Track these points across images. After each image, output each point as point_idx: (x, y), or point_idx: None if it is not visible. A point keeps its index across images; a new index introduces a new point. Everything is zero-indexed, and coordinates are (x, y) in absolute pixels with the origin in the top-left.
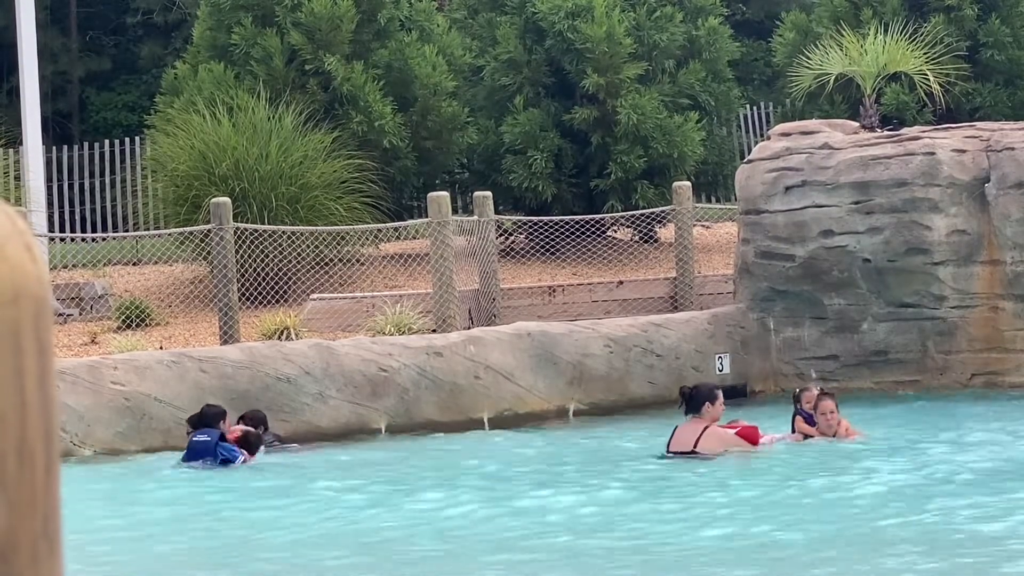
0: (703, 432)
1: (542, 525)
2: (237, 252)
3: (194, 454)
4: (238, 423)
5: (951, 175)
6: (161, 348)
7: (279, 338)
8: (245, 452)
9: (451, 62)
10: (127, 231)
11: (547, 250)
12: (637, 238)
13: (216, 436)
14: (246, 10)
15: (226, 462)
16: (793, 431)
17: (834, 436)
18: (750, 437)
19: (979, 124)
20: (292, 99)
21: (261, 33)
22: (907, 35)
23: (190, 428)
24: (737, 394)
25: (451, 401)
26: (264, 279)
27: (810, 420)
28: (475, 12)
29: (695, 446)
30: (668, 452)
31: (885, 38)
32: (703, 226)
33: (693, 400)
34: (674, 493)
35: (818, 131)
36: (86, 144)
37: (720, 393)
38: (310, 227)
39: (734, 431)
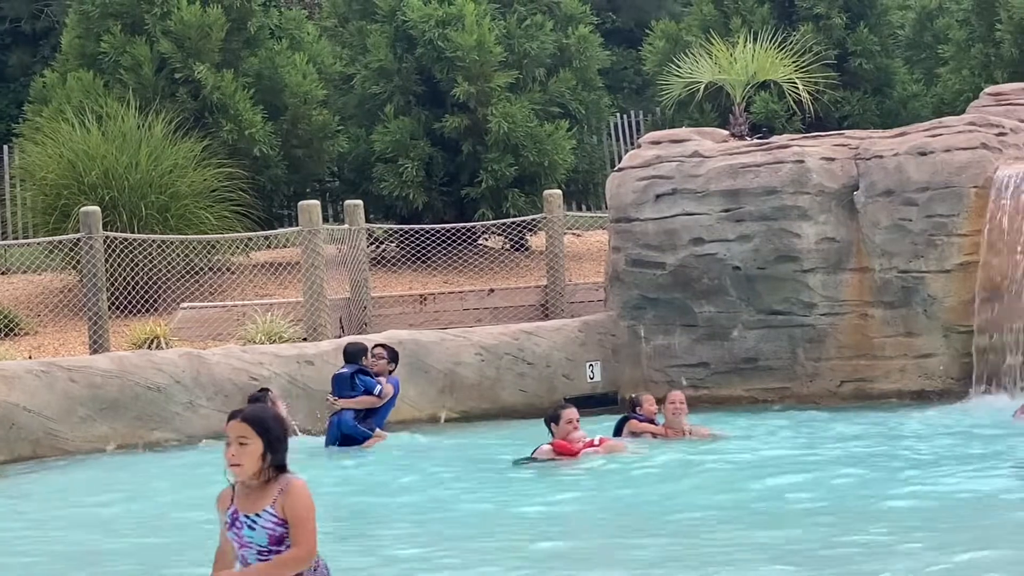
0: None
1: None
2: (107, 261)
3: (336, 384)
4: None
5: (820, 183)
6: (30, 358)
7: (149, 347)
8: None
9: (321, 70)
10: None
11: (418, 258)
12: (508, 246)
13: (354, 368)
14: (115, 18)
15: (368, 391)
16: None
17: (685, 434)
18: (563, 448)
19: (848, 132)
20: (162, 107)
21: (130, 41)
22: (776, 44)
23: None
24: (608, 402)
25: (323, 409)
26: (134, 288)
27: (649, 424)
28: (345, 20)
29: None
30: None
31: (754, 47)
32: (574, 234)
33: (546, 425)
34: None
35: (688, 139)
36: None
37: (564, 413)
38: (180, 236)
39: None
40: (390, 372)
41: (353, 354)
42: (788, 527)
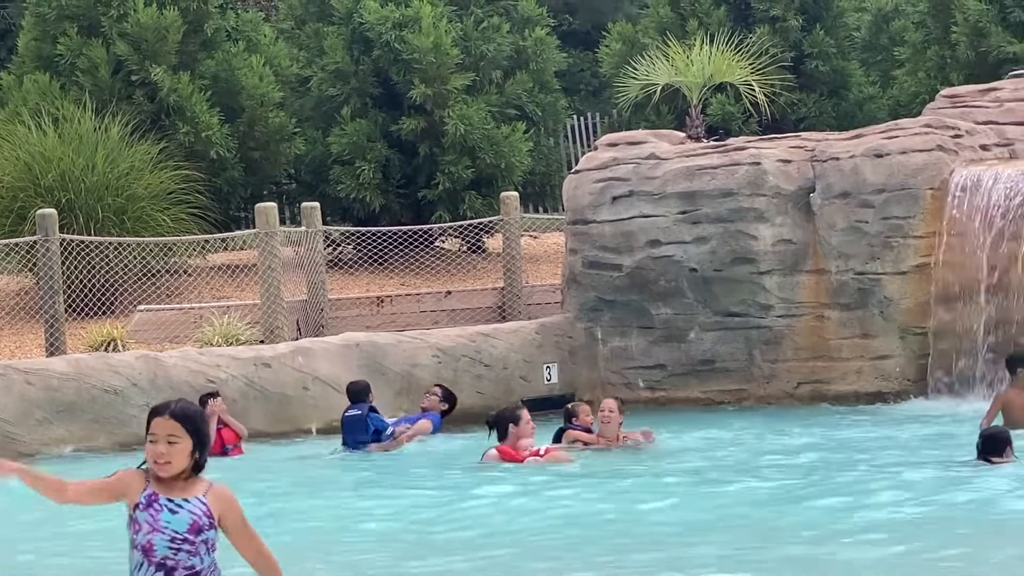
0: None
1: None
2: (63, 263)
3: (348, 427)
4: None
5: (776, 185)
6: None
7: (106, 350)
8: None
9: (278, 72)
10: None
11: (375, 260)
12: (465, 248)
13: (366, 408)
14: (71, 20)
15: (378, 432)
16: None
17: (618, 441)
18: (509, 456)
19: (804, 134)
20: (118, 110)
21: (87, 43)
22: (733, 46)
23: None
24: (565, 404)
25: (280, 412)
26: (91, 290)
27: (586, 433)
28: (302, 22)
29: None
30: None
31: (711, 49)
32: (531, 236)
33: (499, 426)
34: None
35: (645, 141)
36: None
37: (524, 413)
38: (137, 238)
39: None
40: (441, 413)
41: (358, 393)
42: (717, 536)
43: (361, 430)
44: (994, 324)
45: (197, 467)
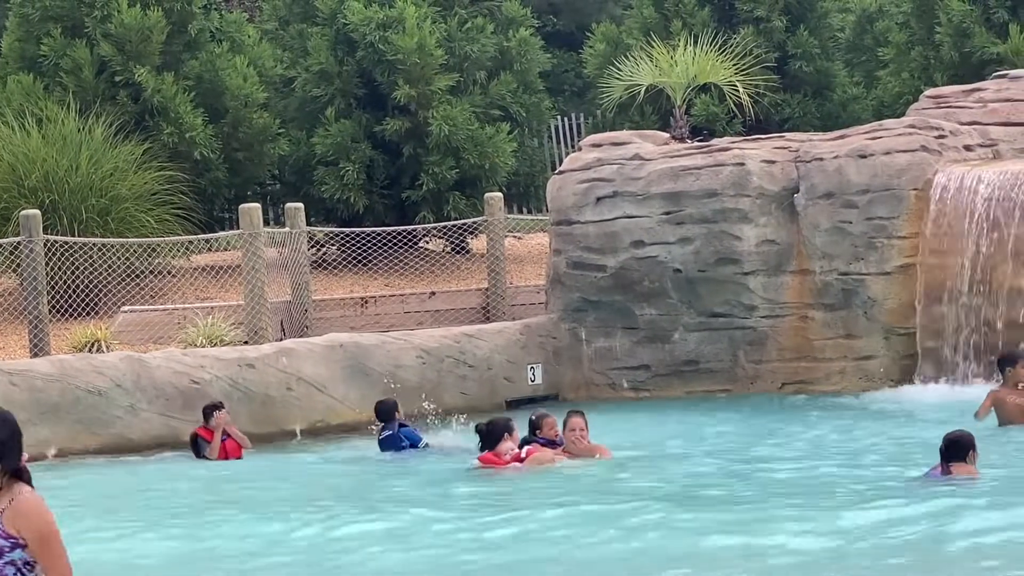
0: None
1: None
2: (47, 264)
3: (385, 447)
4: None
5: (760, 185)
6: None
7: (90, 351)
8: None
9: (262, 73)
10: None
11: (359, 261)
12: (449, 249)
13: (396, 426)
14: (55, 21)
15: (413, 446)
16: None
17: (582, 454)
18: (489, 462)
19: (788, 135)
20: (102, 111)
21: (70, 44)
22: (717, 46)
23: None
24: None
25: (263, 412)
26: (75, 291)
27: (550, 447)
28: (286, 23)
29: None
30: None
31: (695, 49)
32: (515, 237)
33: (492, 435)
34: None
35: (629, 142)
36: None
37: (515, 425)
38: (121, 239)
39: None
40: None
41: (386, 412)
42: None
43: (396, 447)
44: (977, 323)
45: (13, 475)
